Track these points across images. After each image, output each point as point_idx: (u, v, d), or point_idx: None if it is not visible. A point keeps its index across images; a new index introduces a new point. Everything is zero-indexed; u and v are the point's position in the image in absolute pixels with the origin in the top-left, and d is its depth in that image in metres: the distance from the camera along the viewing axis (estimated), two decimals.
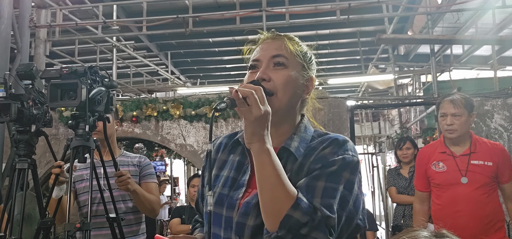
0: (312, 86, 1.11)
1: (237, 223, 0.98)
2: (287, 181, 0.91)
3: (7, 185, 2.37)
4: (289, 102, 1.04)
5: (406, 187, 3.98)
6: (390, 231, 5.92)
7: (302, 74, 1.07)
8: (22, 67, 2.04)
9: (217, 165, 1.13)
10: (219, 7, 6.62)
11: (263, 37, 1.11)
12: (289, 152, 1.02)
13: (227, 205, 1.02)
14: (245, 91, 0.89)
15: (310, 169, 0.98)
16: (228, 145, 1.15)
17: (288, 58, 1.05)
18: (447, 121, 2.33)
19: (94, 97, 1.86)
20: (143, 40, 7.71)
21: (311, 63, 1.12)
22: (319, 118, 4.34)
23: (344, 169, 0.97)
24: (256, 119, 0.89)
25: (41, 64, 5.14)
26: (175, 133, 4.64)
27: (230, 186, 1.05)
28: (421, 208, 2.53)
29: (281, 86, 1.01)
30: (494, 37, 5.43)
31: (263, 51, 1.06)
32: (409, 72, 7.83)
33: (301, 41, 1.15)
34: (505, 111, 4.21)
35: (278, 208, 0.88)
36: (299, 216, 0.87)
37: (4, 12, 4.33)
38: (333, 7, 5.23)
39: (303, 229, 0.87)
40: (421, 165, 2.47)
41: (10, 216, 2.07)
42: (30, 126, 2.09)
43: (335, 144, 1.01)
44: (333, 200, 0.92)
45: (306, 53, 1.10)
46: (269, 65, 1.04)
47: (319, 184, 0.94)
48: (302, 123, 1.10)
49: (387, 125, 10.42)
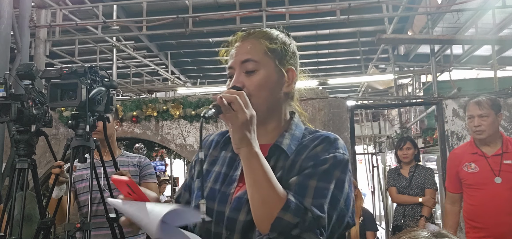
0: (293, 77, 1.10)
1: (228, 218, 0.99)
2: (276, 183, 0.92)
3: (7, 185, 2.37)
4: (268, 103, 1.05)
5: (406, 187, 3.98)
6: (390, 231, 5.93)
7: (276, 70, 1.06)
8: (22, 67, 2.04)
9: (208, 161, 1.14)
10: (219, 7, 6.62)
11: (235, 38, 1.11)
12: (281, 150, 1.03)
13: (218, 199, 1.03)
14: (229, 97, 0.90)
15: (302, 167, 0.98)
16: (220, 142, 1.16)
17: (258, 60, 1.04)
18: (474, 122, 2.38)
19: (94, 97, 1.86)
20: (143, 40, 7.71)
21: (288, 55, 1.10)
22: (319, 118, 4.34)
23: (335, 168, 0.98)
24: (243, 123, 0.90)
25: (41, 64, 5.14)
26: (175, 133, 4.64)
27: (222, 181, 1.06)
28: (453, 208, 2.59)
29: (255, 91, 1.02)
30: (494, 37, 5.43)
31: (234, 57, 1.07)
32: (409, 72, 7.83)
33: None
34: (505, 112, 4.20)
35: (269, 211, 0.89)
36: (289, 218, 0.88)
37: (4, 12, 4.32)
38: (333, 7, 5.22)
39: (294, 230, 0.88)
40: (453, 167, 2.52)
41: (10, 216, 2.07)
42: (30, 126, 2.09)
43: (326, 142, 1.02)
44: (324, 200, 0.93)
45: (278, 47, 1.08)
46: (241, 72, 1.04)
47: (311, 183, 0.94)
48: (293, 120, 1.11)
49: (387, 125, 10.42)
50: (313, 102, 4.37)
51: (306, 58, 9.37)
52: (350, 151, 4.30)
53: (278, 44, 1.08)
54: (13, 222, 2.05)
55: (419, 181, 3.95)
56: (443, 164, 4.23)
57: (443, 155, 4.24)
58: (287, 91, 1.10)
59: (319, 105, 4.36)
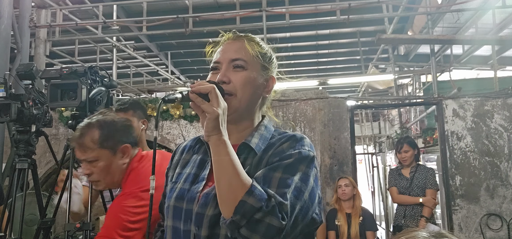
0: (272, 85, 1.17)
1: (197, 214, 1.03)
2: (242, 170, 0.96)
3: (7, 185, 2.37)
4: (249, 102, 1.11)
5: (407, 188, 3.98)
6: (390, 231, 5.93)
7: (261, 74, 1.13)
8: (22, 67, 2.04)
9: (181, 164, 1.19)
10: (219, 7, 6.62)
11: (224, 38, 1.17)
12: (249, 148, 1.08)
13: (187, 198, 1.07)
14: (206, 87, 0.96)
15: (268, 162, 1.03)
16: (193, 146, 1.21)
17: (247, 60, 1.10)
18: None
19: (94, 97, 1.86)
20: (143, 40, 7.71)
21: (271, 63, 1.17)
22: (319, 118, 4.34)
23: (300, 162, 1.02)
24: (217, 113, 0.95)
25: (41, 64, 5.14)
26: (175, 133, 4.64)
27: (192, 181, 1.10)
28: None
29: (241, 87, 1.08)
30: (494, 37, 5.43)
31: (223, 53, 1.12)
32: (409, 72, 7.83)
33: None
34: (505, 111, 4.21)
35: (234, 195, 0.92)
36: (253, 202, 0.91)
37: (4, 12, 4.32)
38: (333, 7, 5.23)
39: (257, 214, 0.90)
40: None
41: (10, 216, 2.07)
42: (30, 126, 2.09)
43: (293, 140, 1.07)
44: (287, 189, 0.96)
45: (266, 53, 1.16)
46: (229, 68, 1.10)
47: (275, 175, 0.99)
48: (262, 122, 1.16)
49: (387, 125, 10.42)
50: (313, 102, 4.37)
51: (306, 58, 9.37)
52: (350, 151, 4.30)
53: (266, 52, 1.16)
54: (13, 222, 2.05)
55: (420, 181, 3.95)
56: (443, 164, 4.24)
57: (443, 155, 4.24)
58: (266, 96, 1.17)
59: (319, 105, 4.36)
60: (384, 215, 7.29)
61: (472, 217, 4.09)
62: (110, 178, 1.61)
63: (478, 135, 4.20)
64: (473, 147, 4.18)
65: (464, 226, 4.08)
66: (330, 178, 4.23)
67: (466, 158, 4.18)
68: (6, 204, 2.19)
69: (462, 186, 4.14)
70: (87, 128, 1.58)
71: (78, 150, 1.59)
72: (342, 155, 4.29)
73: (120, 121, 1.67)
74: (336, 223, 3.64)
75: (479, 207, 4.09)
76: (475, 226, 4.07)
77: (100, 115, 1.65)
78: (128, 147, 1.63)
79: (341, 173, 4.15)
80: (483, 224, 4.04)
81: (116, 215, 1.47)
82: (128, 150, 1.63)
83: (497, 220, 4.05)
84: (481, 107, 4.24)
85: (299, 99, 4.39)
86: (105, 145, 1.57)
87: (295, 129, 4.31)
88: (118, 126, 1.63)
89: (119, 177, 1.61)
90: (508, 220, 4.02)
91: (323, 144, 4.30)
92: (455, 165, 4.18)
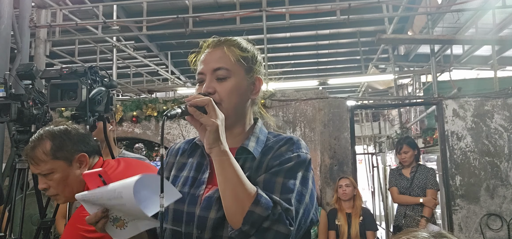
0: (260, 86, 1.17)
1: (199, 217, 1.03)
2: (246, 179, 0.97)
3: (7, 185, 2.38)
4: (236, 108, 1.11)
5: (408, 188, 3.98)
6: (390, 231, 5.93)
7: (246, 78, 1.13)
8: (22, 67, 2.04)
9: (176, 167, 1.19)
10: (219, 7, 6.62)
11: (204, 46, 1.16)
12: (247, 151, 1.09)
13: (188, 201, 1.07)
14: (203, 100, 0.97)
15: (269, 165, 1.05)
16: (187, 149, 1.22)
17: (229, 68, 1.10)
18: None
19: (94, 97, 1.86)
20: (143, 40, 7.71)
21: (256, 64, 1.17)
22: (319, 118, 4.34)
23: (299, 166, 1.05)
24: (217, 125, 0.96)
25: (41, 64, 5.14)
26: (175, 133, 4.64)
27: (191, 184, 1.11)
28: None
29: (226, 97, 1.08)
30: (494, 37, 5.43)
31: (205, 64, 1.12)
32: (409, 72, 7.83)
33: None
34: (505, 111, 4.21)
35: (241, 205, 0.94)
36: (260, 211, 0.93)
37: (4, 12, 4.32)
38: (333, 7, 5.23)
39: (265, 222, 0.93)
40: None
41: (10, 216, 2.07)
42: (30, 126, 2.09)
43: (290, 143, 1.10)
44: (291, 194, 0.99)
45: (248, 56, 1.14)
46: (212, 78, 1.10)
47: (278, 180, 1.01)
48: (256, 125, 1.17)
49: (387, 125, 10.42)
50: (313, 102, 4.37)
51: (306, 58, 9.37)
52: (350, 151, 4.30)
53: (248, 54, 1.15)
54: (13, 222, 2.05)
55: (420, 181, 3.94)
56: (444, 164, 4.24)
57: (443, 155, 4.24)
58: (254, 98, 1.17)
59: (319, 105, 4.36)
60: (384, 215, 7.28)
61: (472, 217, 4.09)
62: (69, 190, 1.49)
63: (478, 135, 4.20)
64: (473, 147, 4.18)
65: (464, 226, 4.08)
66: (330, 178, 4.23)
67: (466, 158, 4.18)
68: (6, 204, 2.19)
69: (462, 186, 4.14)
70: (38, 140, 1.49)
71: (31, 163, 1.49)
72: (342, 155, 4.29)
73: (74, 129, 1.57)
74: (337, 223, 3.64)
75: (479, 207, 4.09)
76: (475, 226, 4.07)
77: (53, 125, 1.56)
78: (85, 156, 1.53)
79: (341, 173, 4.15)
80: (483, 224, 4.04)
81: (73, 225, 1.41)
82: (85, 159, 1.53)
83: (497, 220, 4.05)
84: (481, 107, 4.24)
85: (299, 100, 4.39)
86: (59, 155, 1.48)
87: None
88: (71, 135, 1.53)
89: (78, 188, 1.45)
90: (508, 220, 4.02)
91: (323, 144, 4.30)
92: (455, 165, 4.18)
